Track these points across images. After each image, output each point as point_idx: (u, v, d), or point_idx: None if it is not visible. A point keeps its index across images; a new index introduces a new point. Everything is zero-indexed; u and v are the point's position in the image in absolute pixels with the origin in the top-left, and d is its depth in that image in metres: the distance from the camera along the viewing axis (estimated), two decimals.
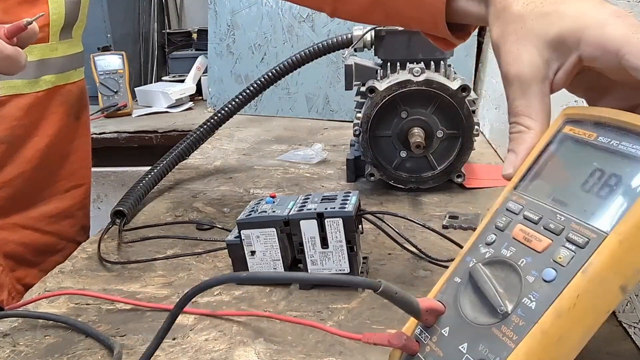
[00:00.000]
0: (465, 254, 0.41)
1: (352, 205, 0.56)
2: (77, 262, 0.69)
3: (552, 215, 0.37)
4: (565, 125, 0.41)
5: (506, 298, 0.36)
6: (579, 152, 0.39)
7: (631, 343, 0.49)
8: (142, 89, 1.82)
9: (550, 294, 0.34)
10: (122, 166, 1.60)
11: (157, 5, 2.11)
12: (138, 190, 0.84)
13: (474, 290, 0.38)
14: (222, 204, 0.86)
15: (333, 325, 0.53)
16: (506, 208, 0.40)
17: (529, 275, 0.35)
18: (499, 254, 0.38)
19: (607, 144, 0.37)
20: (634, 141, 0.36)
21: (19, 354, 0.50)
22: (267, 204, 0.61)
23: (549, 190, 0.39)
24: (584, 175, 0.37)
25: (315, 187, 0.92)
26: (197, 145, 0.97)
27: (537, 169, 0.41)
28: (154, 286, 0.62)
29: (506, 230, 0.39)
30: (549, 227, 0.36)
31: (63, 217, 0.85)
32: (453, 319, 0.38)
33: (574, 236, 0.35)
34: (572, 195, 0.37)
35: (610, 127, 0.38)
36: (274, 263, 0.59)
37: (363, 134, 0.84)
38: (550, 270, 0.34)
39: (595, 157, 0.38)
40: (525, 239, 0.37)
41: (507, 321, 0.35)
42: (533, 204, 0.39)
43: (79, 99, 0.85)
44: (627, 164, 0.35)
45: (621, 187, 0.35)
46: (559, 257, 0.34)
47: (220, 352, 0.50)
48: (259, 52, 1.52)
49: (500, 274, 0.37)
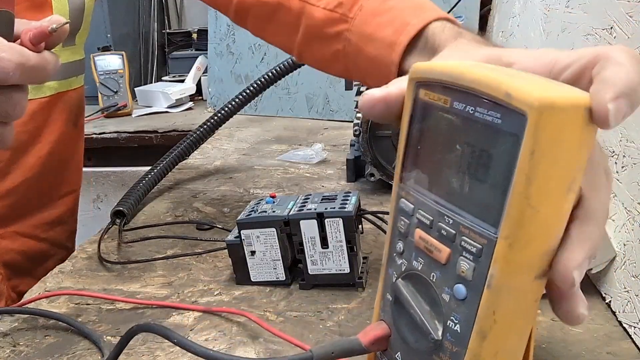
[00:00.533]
0: (386, 264, 0.38)
1: (352, 205, 0.56)
2: (77, 262, 0.69)
3: (440, 217, 0.32)
4: (419, 89, 0.34)
5: (434, 318, 0.32)
6: (441, 124, 0.33)
7: (631, 343, 0.49)
8: (142, 89, 1.82)
9: (468, 314, 0.30)
10: (122, 166, 1.60)
11: (157, 5, 2.11)
12: (138, 190, 0.84)
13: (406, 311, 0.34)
14: (222, 204, 0.86)
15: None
16: (400, 208, 0.35)
17: (443, 294, 0.32)
18: (412, 266, 0.34)
19: (464, 111, 0.31)
20: (485, 105, 0.29)
21: (19, 354, 0.50)
22: (267, 204, 0.61)
23: (429, 179, 0.34)
24: (455, 153, 0.31)
25: (315, 187, 0.92)
26: (197, 145, 0.97)
27: (413, 152, 0.35)
28: (154, 286, 0.62)
29: (409, 237, 0.35)
30: (442, 233, 0.32)
31: (57, 224, 0.84)
32: (399, 343, 0.35)
33: (466, 245, 0.30)
34: (450, 181, 0.32)
35: (459, 90, 0.31)
36: (274, 263, 0.59)
37: (363, 134, 0.84)
38: (460, 287, 0.30)
39: (458, 129, 0.31)
40: (427, 249, 0.33)
41: (442, 348, 0.32)
42: (420, 202, 0.34)
43: (78, 105, 0.85)
44: (490, 137, 0.29)
45: (494, 166, 0.29)
46: (462, 271, 0.30)
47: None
48: (259, 52, 1.52)
49: (421, 288, 0.34)
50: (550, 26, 0.81)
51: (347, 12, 0.54)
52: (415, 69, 0.34)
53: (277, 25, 0.62)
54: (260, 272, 0.60)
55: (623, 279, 0.52)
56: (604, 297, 0.55)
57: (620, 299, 0.52)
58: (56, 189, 0.84)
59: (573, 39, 0.70)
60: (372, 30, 0.52)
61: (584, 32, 0.66)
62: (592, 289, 0.57)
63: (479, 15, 1.32)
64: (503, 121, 0.28)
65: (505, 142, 0.28)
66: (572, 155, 0.28)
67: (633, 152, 0.52)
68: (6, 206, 0.76)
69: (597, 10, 0.63)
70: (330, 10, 0.55)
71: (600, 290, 0.56)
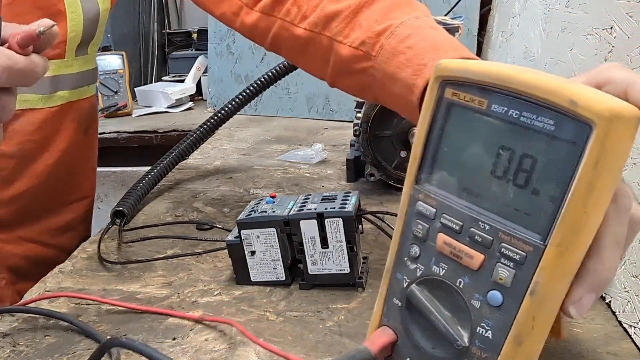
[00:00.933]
0: (393, 269, 0.36)
1: (352, 205, 0.56)
2: (77, 262, 0.69)
3: (473, 222, 0.31)
4: (444, 89, 0.33)
5: (457, 324, 0.32)
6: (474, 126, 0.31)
7: (631, 343, 0.49)
8: (142, 89, 1.82)
9: (503, 321, 0.30)
10: (122, 166, 1.60)
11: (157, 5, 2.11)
12: (138, 190, 0.84)
13: (421, 318, 0.33)
14: (222, 204, 0.86)
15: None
16: (417, 212, 0.34)
17: (473, 300, 0.31)
18: (431, 271, 0.33)
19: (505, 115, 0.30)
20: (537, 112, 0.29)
21: (19, 354, 0.50)
22: (267, 204, 0.61)
23: (456, 181, 0.32)
24: (491, 157, 0.30)
25: (315, 187, 0.92)
26: (197, 145, 0.97)
27: (432, 153, 0.34)
28: (154, 286, 0.62)
29: (428, 241, 0.34)
30: (476, 240, 0.31)
31: (65, 230, 0.84)
32: (410, 349, 0.34)
33: (507, 251, 0.29)
34: (485, 184, 0.31)
35: (501, 93, 0.30)
36: (274, 263, 0.59)
37: (363, 134, 0.84)
38: (495, 293, 0.30)
39: (496, 132, 0.30)
40: (454, 255, 0.32)
41: (468, 355, 0.31)
42: (446, 205, 0.32)
43: (89, 114, 0.85)
44: (537, 142, 0.29)
45: (539, 172, 0.29)
46: (500, 278, 0.30)
47: (220, 352, 0.50)
48: (259, 52, 1.52)
49: (441, 294, 0.33)
50: (550, 26, 0.81)
51: (369, 50, 0.56)
52: (443, 66, 0.33)
53: (309, 58, 0.65)
54: (260, 272, 0.60)
55: (623, 279, 0.52)
56: (604, 297, 0.55)
57: (620, 299, 0.52)
58: (65, 195, 0.84)
59: (573, 39, 0.70)
60: (393, 69, 0.54)
61: (584, 32, 0.66)
62: None
63: (479, 15, 1.32)
64: (557, 128, 0.28)
65: (559, 149, 0.28)
66: (622, 165, 0.28)
67: (633, 152, 0.52)
68: (11, 212, 0.76)
69: (597, 10, 0.63)
70: (354, 48, 0.57)
71: None
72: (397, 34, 0.54)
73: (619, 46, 0.57)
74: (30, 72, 0.44)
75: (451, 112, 0.33)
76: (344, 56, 0.59)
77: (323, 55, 0.62)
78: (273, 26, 0.65)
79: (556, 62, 0.76)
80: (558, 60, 0.75)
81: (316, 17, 0.61)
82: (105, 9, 0.80)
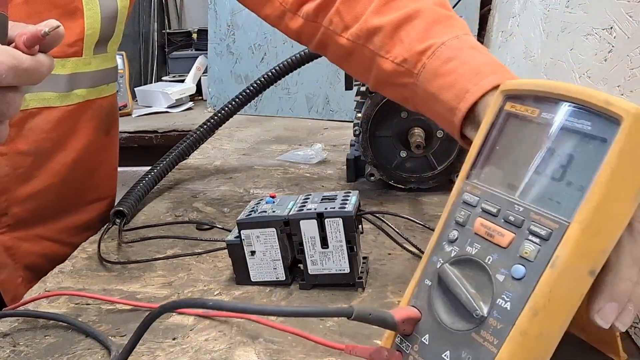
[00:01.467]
0: (430, 253, 0.40)
1: (352, 205, 0.56)
2: (77, 262, 0.69)
3: (509, 206, 0.35)
4: (506, 102, 0.39)
5: (479, 299, 0.35)
6: (525, 131, 0.37)
7: (631, 343, 0.49)
8: (142, 89, 1.82)
9: (523, 293, 0.33)
10: (122, 166, 1.58)
11: (157, 5, 2.11)
12: (138, 190, 0.84)
13: (446, 294, 0.37)
14: (222, 204, 0.86)
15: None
16: (463, 201, 0.39)
17: (498, 274, 0.34)
18: (465, 252, 0.37)
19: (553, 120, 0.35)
20: (578, 116, 0.34)
21: (19, 354, 0.50)
22: (267, 204, 0.61)
23: (502, 177, 0.37)
24: (534, 156, 0.36)
25: (315, 187, 0.92)
26: (197, 145, 0.97)
27: (486, 154, 0.39)
28: (154, 286, 0.62)
29: (467, 226, 0.38)
30: (509, 220, 0.35)
31: (84, 229, 0.84)
32: (431, 325, 0.37)
33: (535, 228, 0.33)
34: (525, 179, 0.36)
35: (551, 102, 0.36)
36: (274, 263, 0.59)
37: (363, 134, 0.84)
38: (519, 267, 0.33)
39: (542, 135, 0.36)
40: (488, 234, 0.36)
41: (485, 325, 0.34)
42: (488, 194, 0.37)
43: (109, 113, 0.84)
44: (576, 142, 0.34)
45: (574, 167, 0.33)
46: (525, 252, 0.34)
47: (220, 352, 0.50)
48: (259, 52, 1.52)
49: (469, 272, 0.36)
50: (550, 26, 0.81)
51: (412, 68, 0.58)
52: (507, 85, 0.39)
53: (352, 65, 0.67)
54: (260, 272, 0.60)
55: None
56: None
57: None
58: (84, 195, 0.83)
59: (573, 39, 0.70)
60: (435, 90, 0.55)
61: (584, 32, 0.66)
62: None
63: (479, 15, 1.32)
64: (593, 127, 0.33)
65: (592, 144, 0.33)
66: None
67: None
68: (28, 210, 0.75)
69: (597, 10, 0.63)
70: (397, 64, 0.59)
71: None
72: (439, 55, 0.56)
73: (619, 46, 0.57)
74: (36, 71, 0.45)
75: (507, 121, 0.39)
76: (386, 70, 0.60)
77: (366, 65, 0.63)
78: (317, 33, 0.67)
79: (556, 62, 0.76)
80: (558, 60, 0.75)
81: (358, 29, 0.62)
82: (124, 7, 0.79)
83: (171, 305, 0.42)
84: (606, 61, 0.59)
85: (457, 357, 0.35)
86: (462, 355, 0.34)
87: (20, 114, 0.71)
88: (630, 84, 0.54)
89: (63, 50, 0.72)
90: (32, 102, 0.71)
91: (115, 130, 0.88)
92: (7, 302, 0.73)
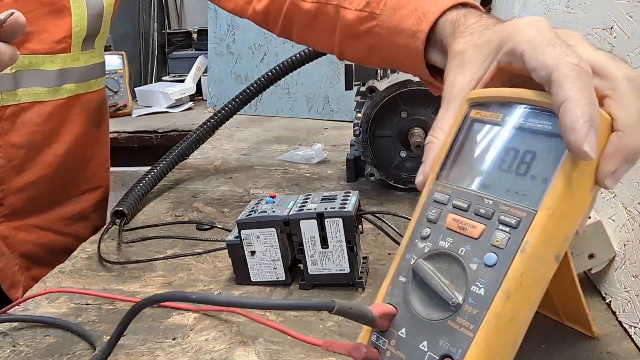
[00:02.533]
0: (403, 251, 0.41)
1: (352, 205, 0.56)
2: (77, 262, 0.69)
3: (479, 200, 0.38)
4: (471, 109, 0.42)
5: (454, 289, 0.36)
6: (490, 134, 0.40)
7: (631, 343, 0.49)
8: (142, 89, 1.82)
9: (495, 278, 0.35)
10: (122, 166, 1.60)
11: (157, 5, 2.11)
12: (138, 190, 0.84)
13: (421, 287, 0.38)
14: (222, 204, 0.86)
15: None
16: (434, 200, 0.41)
17: (471, 263, 0.36)
18: (438, 246, 0.39)
19: (515, 123, 0.38)
20: (539, 117, 0.37)
21: (19, 354, 0.50)
22: (267, 204, 0.61)
23: (470, 176, 0.40)
24: (500, 155, 0.38)
25: (315, 187, 0.92)
26: (197, 145, 0.97)
27: (453, 157, 0.42)
28: (154, 286, 0.62)
29: (439, 222, 0.39)
30: (480, 213, 0.37)
31: (79, 219, 0.86)
32: (407, 319, 0.38)
33: (505, 218, 0.36)
34: (492, 177, 0.38)
35: (513, 107, 0.39)
36: (274, 263, 0.59)
37: (363, 134, 0.84)
38: (491, 254, 0.35)
39: (506, 137, 0.38)
40: (460, 228, 0.38)
41: (460, 312, 0.35)
42: (458, 191, 0.39)
43: (98, 107, 0.87)
44: (537, 140, 0.37)
45: (537, 162, 0.36)
46: (496, 241, 0.35)
47: (220, 352, 0.50)
48: (259, 52, 1.52)
49: (443, 266, 0.38)
50: None
51: (374, 9, 0.59)
52: (472, 94, 0.42)
53: (317, 32, 0.68)
54: (260, 272, 0.60)
55: (623, 279, 0.52)
56: (604, 297, 0.55)
57: (620, 299, 0.52)
58: (77, 185, 0.86)
59: None
60: (397, 22, 0.56)
61: (584, 32, 0.66)
62: (592, 289, 0.57)
63: None
64: (553, 126, 0.36)
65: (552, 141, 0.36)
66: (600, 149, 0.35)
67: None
68: (23, 200, 0.78)
69: (597, 10, 0.63)
70: (359, 10, 0.60)
71: (600, 290, 0.56)
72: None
73: (619, 46, 0.57)
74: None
75: (473, 126, 0.41)
76: (350, 20, 0.61)
77: (331, 25, 0.64)
78: (283, 6, 0.68)
79: None
80: None
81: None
82: (109, 4, 0.83)
83: (156, 299, 0.42)
84: None
85: (434, 345, 0.36)
86: (439, 344, 0.36)
87: (13, 109, 0.74)
88: None
89: (52, 46, 0.76)
90: (23, 97, 0.75)
91: (106, 124, 0.91)
92: (4, 289, 0.76)
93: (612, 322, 0.52)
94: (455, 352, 0.35)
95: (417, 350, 0.37)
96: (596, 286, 0.57)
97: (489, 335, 0.34)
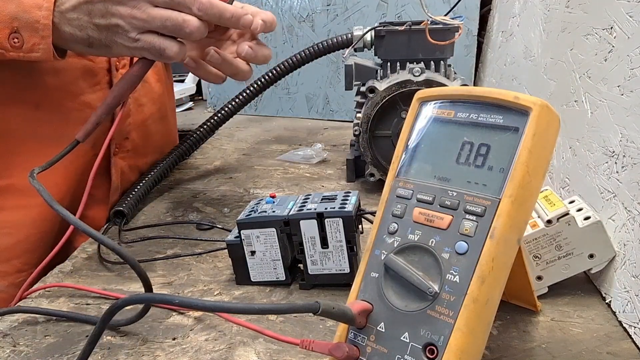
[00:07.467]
0: (372, 248, 0.42)
1: (352, 205, 0.56)
2: (77, 262, 0.69)
3: (443, 193, 0.40)
4: (422, 107, 0.44)
5: (429, 279, 0.38)
6: (444, 130, 0.42)
7: (631, 343, 0.49)
8: None
9: (468, 265, 0.36)
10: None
11: None
12: (138, 190, 0.84)
13: (395, 281, 0.39)
14: (222, 204, 0.86)
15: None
16: (397, 195, 0.42)
17: (443, 253, 0.38)
18: (407, 240, 0.40)
19: (467, 118, 0.41)
20: (488, 111, 0.40)
21: (19, 354, 0.50)
22: (267, 204, 0.61)
23: (430, 171, 0.42)
24: (456, 150, 0.40)
25: (315, 187, 0.92)
26: (197, 145, 0.97)
27: (411, 153, 0.43)
28: (154, 286, 0.62)
29: (405, 216, 0.41)
30: (445, 205, 0.39)
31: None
32: (384, 313, 0.39)
33: (471, 207, 0.38)
34: (452, 170, 0.40)
35: (464, 103, 0.41)
36: (274, 263, 0.59)
37: (363, 134, 0.84)
38: (462, 243, 0.37)
39: (460, 132, 0.41)
40: (428, 220, 0.39)
41: (439, 300, 0.37)
42: (421, 186, 0.41)
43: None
44: (490, 133, 0.39)
45: (492, 154, 0.39)
46: (465, 230, 0.37)
47: (220, 352, 0.50)
48: None
49: (415, 258, 0.39)
50: (550, 26, 0.81)
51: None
52: (421, 93, 0.44)
53: None
54: (260, 272, 0.60)
55: (623, 279, 0.52)
56: (604, 297, 0.56)
57: (620, 299, 0.52)
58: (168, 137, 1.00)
59: (573, 39, 0.70)
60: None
61: (584, 32, 0.66)
62: (592, 289, 0.57)
63: (479, 15, 1.32)
64: (505, 120, 0.39)
65: (506, 134, 0.38)
66: (551, 145, 0.39)
67: (633, 152, 0.52)
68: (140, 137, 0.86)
69: (597, 10, 0.63)
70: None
71: (600, 290, 0.56)
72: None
73: (619, 46, 0.57)
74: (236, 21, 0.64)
75: (426, 123, 0.43)
76: None
77: None
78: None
79: (556, 62, 0.76)
80: (558, 60, 0.75)
81: None
82: None
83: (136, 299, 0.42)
84: (606, 61, 0.59)
85: (415, 335, 0.37)
86: (420, 333, 0.37)
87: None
88: (630, 84, 0.54)
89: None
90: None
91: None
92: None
93: (612, 322, 0.52)
94: (438, 340, 0.36)
95: (398, 342, 0.38)
96: (596, 286, 0.57)
97: (468, 320, 0.36)
